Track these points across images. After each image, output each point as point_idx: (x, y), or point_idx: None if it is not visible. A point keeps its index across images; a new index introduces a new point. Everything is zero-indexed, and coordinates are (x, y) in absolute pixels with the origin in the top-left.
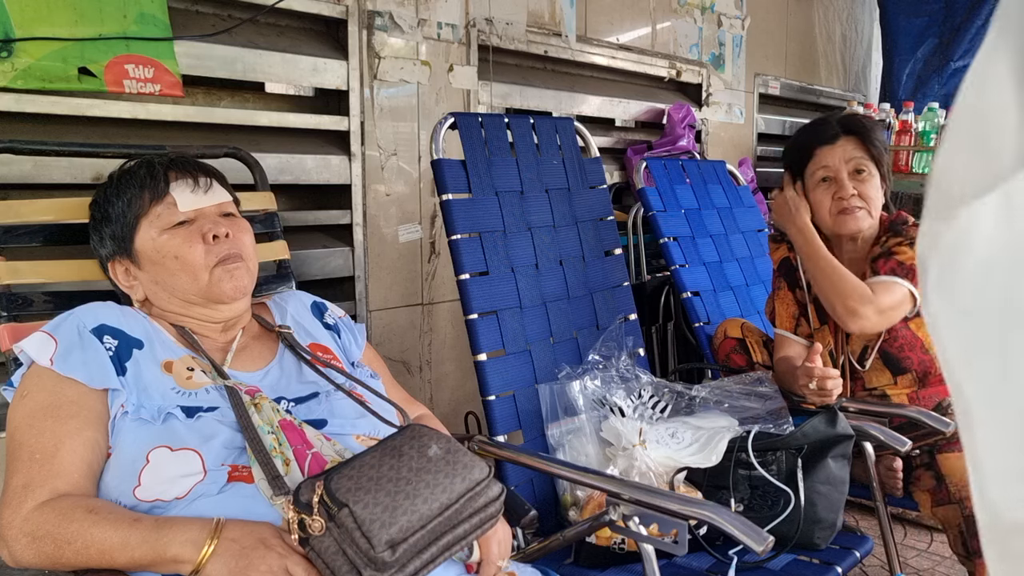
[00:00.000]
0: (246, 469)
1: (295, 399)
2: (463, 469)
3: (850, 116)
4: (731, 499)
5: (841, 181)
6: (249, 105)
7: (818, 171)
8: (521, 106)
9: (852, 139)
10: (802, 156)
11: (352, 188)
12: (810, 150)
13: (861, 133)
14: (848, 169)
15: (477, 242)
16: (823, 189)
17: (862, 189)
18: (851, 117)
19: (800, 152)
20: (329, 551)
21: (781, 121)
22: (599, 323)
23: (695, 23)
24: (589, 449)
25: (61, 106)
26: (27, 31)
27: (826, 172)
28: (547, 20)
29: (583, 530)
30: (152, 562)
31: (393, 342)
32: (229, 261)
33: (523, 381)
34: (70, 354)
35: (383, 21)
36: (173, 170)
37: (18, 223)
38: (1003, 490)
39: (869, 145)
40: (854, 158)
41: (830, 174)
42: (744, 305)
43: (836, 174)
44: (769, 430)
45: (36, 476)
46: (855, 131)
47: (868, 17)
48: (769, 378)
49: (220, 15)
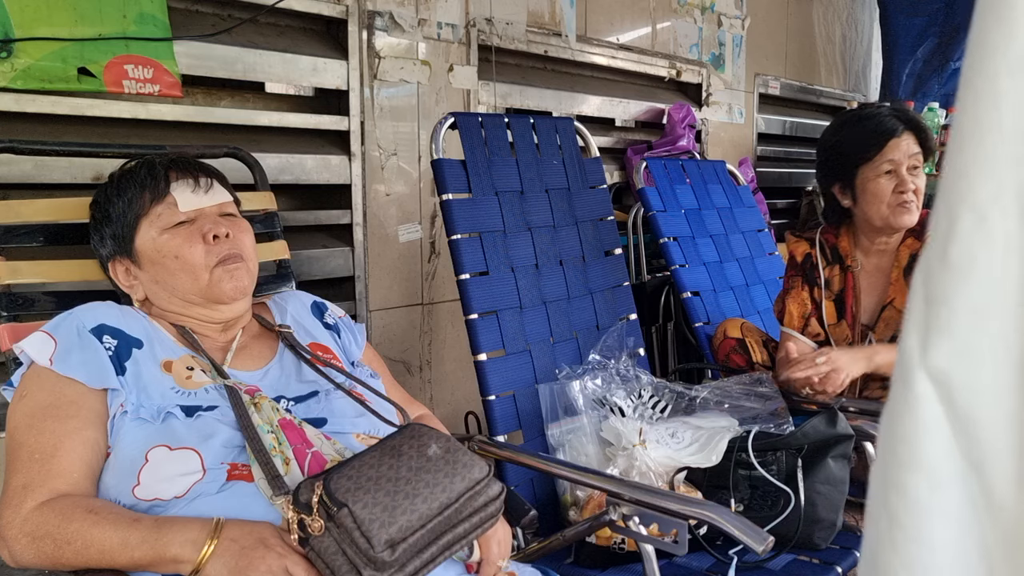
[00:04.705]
0: (246, 468)
1: (295, 398)
2: (463, 468)
3: (903, 108)
4: (731, 499)
5: (903, 175)
6: (249, 105)
7: (884, 163)
8: (521, 106)
9: (911, 133)
10: (868, 149)
11: (352, 188)
12: (881, 143)
13: (918, 128)
14: (908, 164)
15: (477, 242)
16: (886, 180)
17: (917, 184)
18: (904, 110)
19: (866, 145)
20: (329, 551)
21: (781, 121)
22: (599, 323)
23: (695, 23)
24: (589, 449)
25: (61, 106)
26: (27, 31)
27: (891, 165)
28: (547, 20)
29: (583, 530)
30: (152, 562)
31: (393, 342)
32: (229, 261)
33: (523, 381)
34: (70, 354)
35: (383, 21)
36: (174, 170)
37: (18, 223)
38: None
39: (925, 139)
40: (914, 153)
41: (894, 167)
42: (744, 305)
43: (898, 168)
44: (769, 430)
45: (36, 476)
46: (913, 125)
47: (868, 17)
48: (769, 378)
49: (220, 15)
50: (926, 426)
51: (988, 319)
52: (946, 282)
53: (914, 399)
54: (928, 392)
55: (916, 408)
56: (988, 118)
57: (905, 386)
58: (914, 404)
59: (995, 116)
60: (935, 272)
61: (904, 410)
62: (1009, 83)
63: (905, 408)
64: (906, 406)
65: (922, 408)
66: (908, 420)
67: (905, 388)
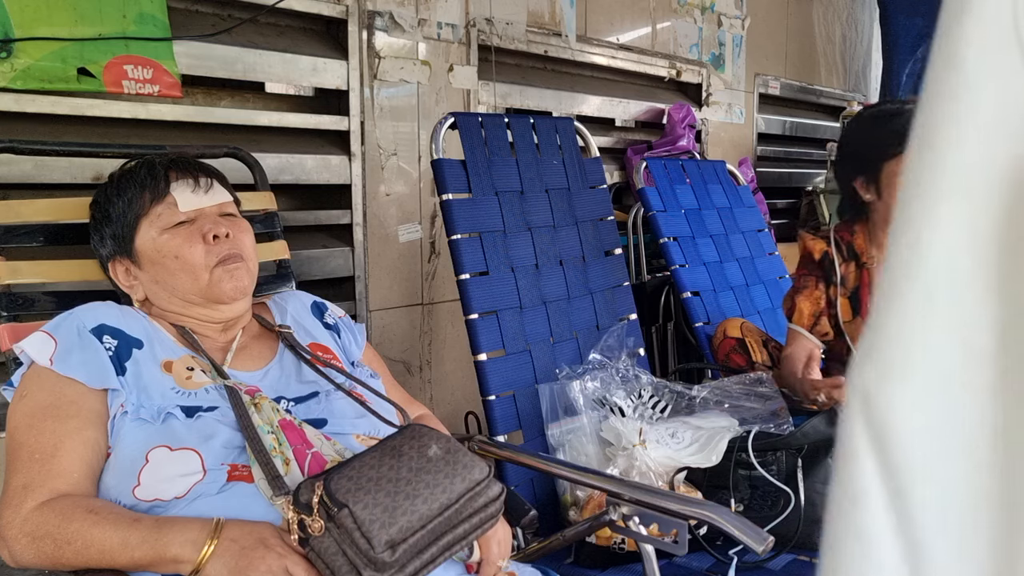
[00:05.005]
0: (246, 469)
1: (295, 399)
2: (463, 469)
3: None
4: (731, 499)
5: None
6: (249, 105)
7: None
8: (521, 106)
9: None
10: (899, 144)
11: (352, 188)
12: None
13: None
14: None
15: (477, 242)
16: None
17: None
18: None
19: (898, 140)
20: (329, 551)
21: (781, 121)
22: (599, 323)
23: (695, 23)
24: (589, 449)
25: (61, 106)
26: (27, 31)
27: None
28: (547, 20)
29: (583, 530)
30: (152, 562)
31: (393, 342)
32: (229, 261)
33: (523, 381)
34: (70, 354)
35: (383, 21)
36: (174, 170)
37: (18, 223)
38: None
39: None
40: None
41: None
42: (744, 305)
43: None
44: (769, 430)
45: (36, 476)
46: None
47: (868, 17)
48: (769, 378)
49: (220, 15)
50: (850, 435)
51: (910, 342)
52: (880, 303)
53: (845, 410)
54: (855, 405)
55: (845, 421)
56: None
57: (845, 404)
58: (845, 418)
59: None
60: (877, 290)
61: (842, 423)
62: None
63: (842, 421)
64: (842, 419)
65: (849, 422)
66: (841, 431)
67: (846, 399)
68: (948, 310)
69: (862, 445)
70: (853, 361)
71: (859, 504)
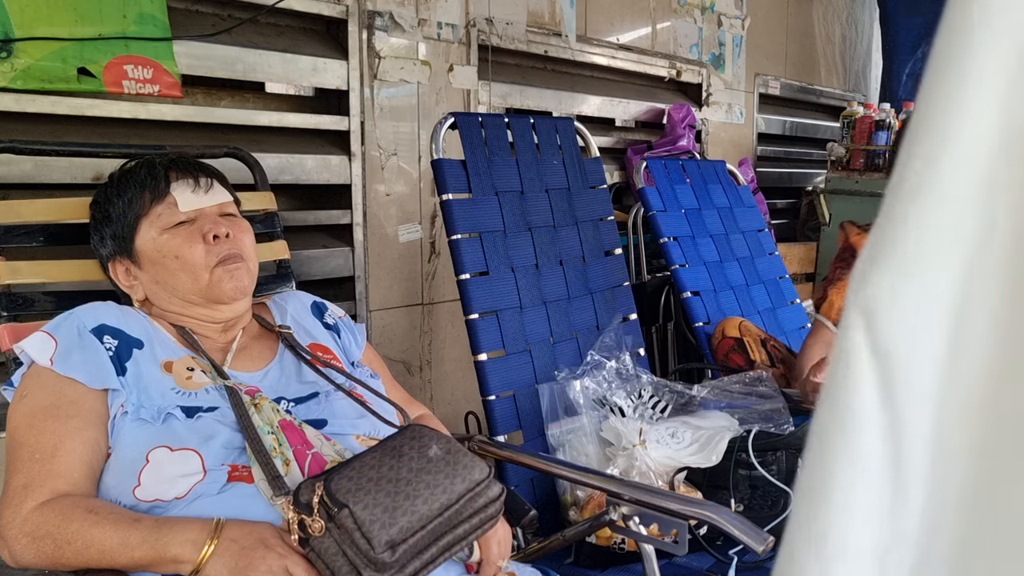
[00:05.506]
0: (246, 469)
1: (295, 399)
2: (463, 469)
3: None
4: (731, 499)
5: None
6: (249, 105)
7: None
8: (521, 106)
9: None
10: None
11: (352, 188)
12: None
13: None
14: None
15: (477, 242)
16: None
17: None
18: None
19: None
20: (329, 552)
21: (781, 121)
22: (599, 323)
23: (695, 23)
24: (589, 449)
25: (61, 106)
26: (27, 31)
27: None
28: (547, 20)
29: (583, 530)
30: (152, 562)
31: (393, 342)
32: (229, 261)
33: (523, 381)
34: (70, 354)
35: (383, 21)
36: (174, 170)
37: (18, 223)
38: None
39: None
40: None
41: None
42: (744, 305)
43: None
44: (769, 430)
45: (36, 476)
46: None
47: (868, 17)
48: (769, 377)
49: (220, 15)
50: (849, 354)
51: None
52: (893, 216)
53: (843, 328)
54: (856, 322)
55: (843, 338)
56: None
57: (844, 316)
58: (843, 335)
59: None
60: (886, 203)
61: (838, 343)
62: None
63: (838, 341)
64: (839, 339)
65: (848, 338)
66: (839, 352)
67: (843, 318)
68: (955, 226)
69: (863, 361)
70: (854, 274)
71: (852, 420)
